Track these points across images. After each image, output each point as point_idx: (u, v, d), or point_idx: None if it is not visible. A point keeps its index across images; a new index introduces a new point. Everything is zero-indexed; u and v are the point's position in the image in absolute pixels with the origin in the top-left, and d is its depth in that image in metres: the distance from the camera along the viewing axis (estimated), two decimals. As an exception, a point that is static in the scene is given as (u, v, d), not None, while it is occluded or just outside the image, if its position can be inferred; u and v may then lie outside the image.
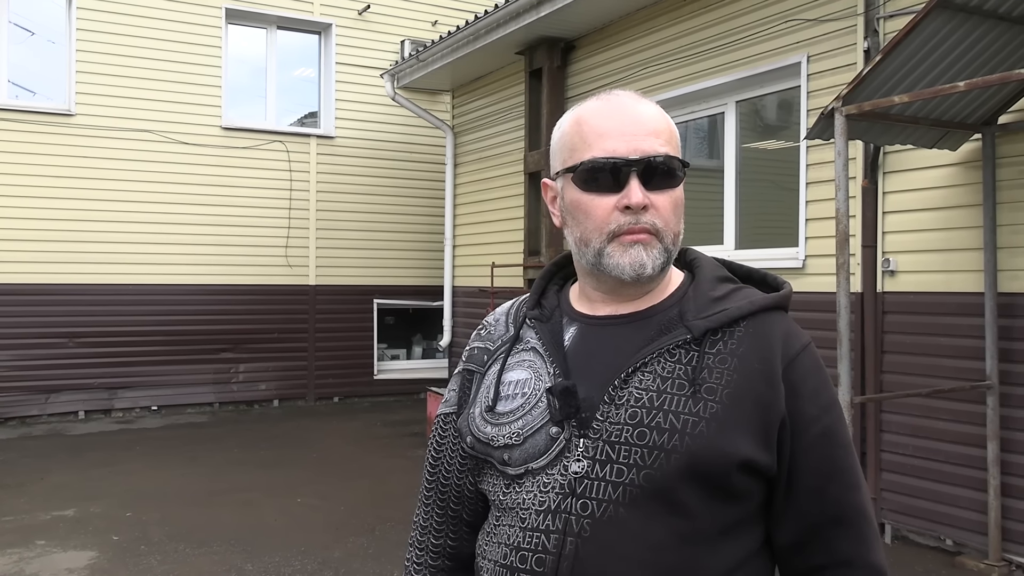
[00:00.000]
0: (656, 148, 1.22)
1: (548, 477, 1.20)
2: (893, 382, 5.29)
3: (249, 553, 5.14)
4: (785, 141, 6.46)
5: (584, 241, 1.25)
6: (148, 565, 4.95)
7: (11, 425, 9.15)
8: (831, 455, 1.22)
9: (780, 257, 5.96)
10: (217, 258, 10.22)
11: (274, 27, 10.82)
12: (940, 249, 5.10)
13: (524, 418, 1.25)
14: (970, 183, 4.96)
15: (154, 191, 9.85)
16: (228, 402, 10.33)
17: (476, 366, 1.39)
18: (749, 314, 1.23)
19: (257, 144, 10.45)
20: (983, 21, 4.20)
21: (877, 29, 5.34)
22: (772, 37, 6.04)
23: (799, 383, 1.21)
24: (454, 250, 10.26)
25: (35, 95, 9.80)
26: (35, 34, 9.79)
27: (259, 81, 10.84)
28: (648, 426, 1.16)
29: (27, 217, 9.24)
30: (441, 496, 1.41)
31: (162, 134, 9.89)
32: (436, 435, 1.44)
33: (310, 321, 10.79)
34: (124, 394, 9.80)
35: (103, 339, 9.65)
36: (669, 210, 1.23)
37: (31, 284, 9.30)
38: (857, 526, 1.22)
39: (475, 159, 9.86)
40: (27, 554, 5.11)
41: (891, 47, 4.02)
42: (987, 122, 4.76)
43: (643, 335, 1.24)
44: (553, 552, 1.17)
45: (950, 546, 5.05)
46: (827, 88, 5.57)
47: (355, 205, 11.01)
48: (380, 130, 11.17)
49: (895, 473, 5.30)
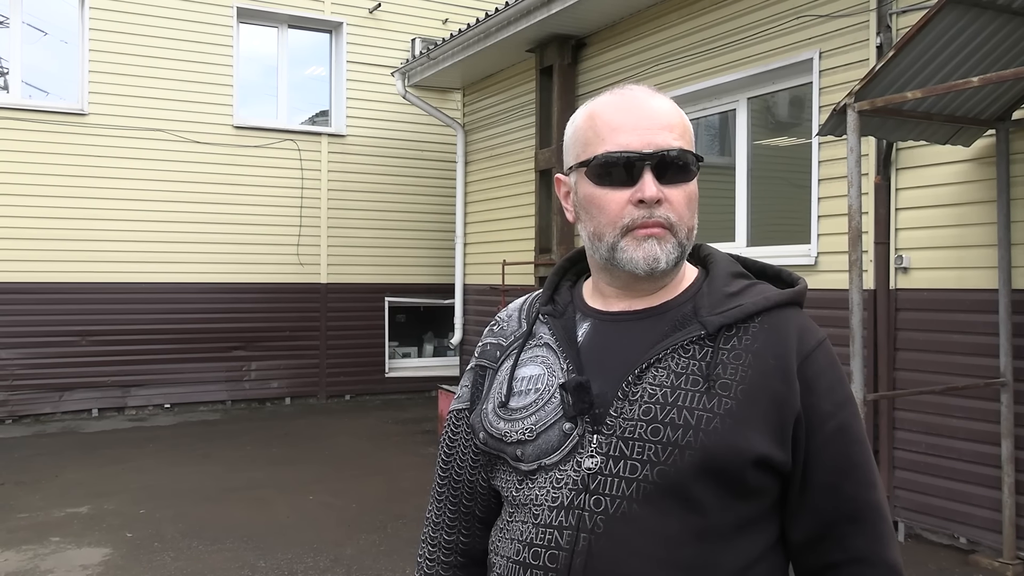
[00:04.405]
0: (670, 142, 1.21)
1: (561, 473, 1.20)
2: (906, 379, 5.26)
3: (262, 550, 5.15)
4: (797, 138, 6.43)
5: (598, 235, 1.24)
6: (162, 562, 4.97)
7: (25, 423, 9.21)
8: (846, 451, 1.21)
9: (792, 254, 5.94)
10: (229, 256, 10.25)
11: (285, 26, 10.85)
12: (953, 246, 5.07)
13: (537, 414, 1.24)
14: (984, 179, 4.93)
15: (166, 190, 9.89)
16: (240, 400, 10.37)
17: (489, 362, 1.39)
18: (764, 310, 1.23)
19: (269, 143, 10.48)
20: (997, 16, 4.17)
21: (890, 25, 5.31)
22: (784, 33, 6.01)
23: (814, 379, 1.21)
24: (465, 248, 10.27)
25: (48, 95, 9.86)
26: (48, 34, 9.84)
27: (270, 80, 10.86)
28: (662, 422, 1.16)
29: (41, 216, 9.29)
30: (454, 492, 1.41)
31: (174, 133, 9.93)
32: (449, 431, 1.43)
33: (322, 319, 10.81)
34: (137, 392, 9.85)
35: (116, 337, 9.70)
36: (683, 204, 1.22)
37: (44, 283, 9.36)
38: (872, 523, 1.21)
39: (486, 157, 9.86)
40: (42, 551, 5.14)
41: (904, 42, 3.99)
42: (1001, 118, 4.73)
43: (657, 331, 1.23)
44: (566, 548, 1.16)
45: (964, 544, 5.02)
46: (839, 84, 5.54)
47: (366, 203, 11.03)
48: (391, 128, 11.19)
49: (909, 471, 5.28)
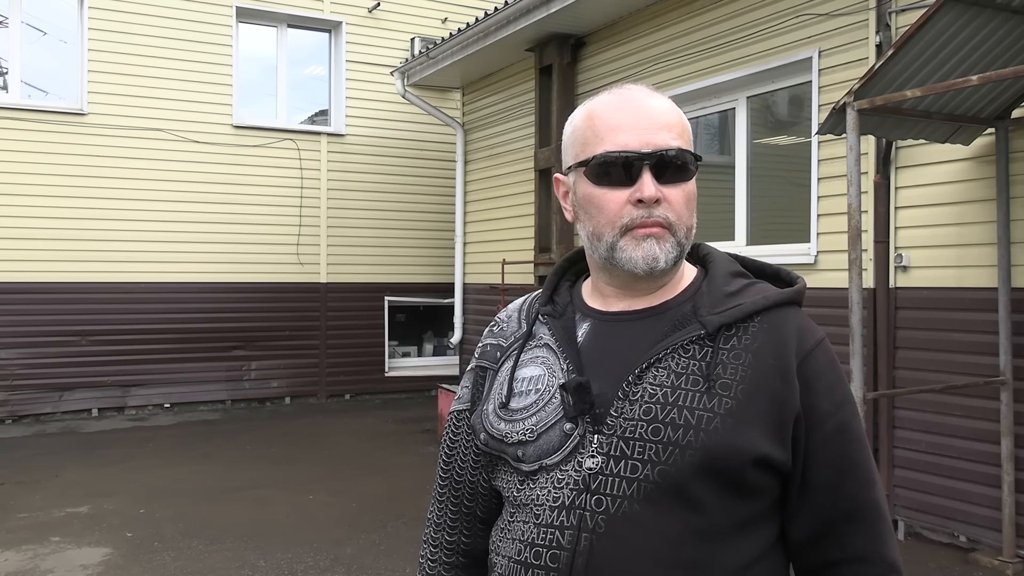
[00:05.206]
0: (668, 142, 1.21)
1: (562, 473, 1.20)
2: (906, 378, 5.26)
3: (262, 549, 5.16)
4: (796, 136, 6.43)
5: (597, 235, 1.24)
6: (162, 561, 4.97)
7: (25, 423, 9.21)
8: (846, 451, 1.21)
9: (792, 253, 5.94)
10: (228, 256, 10.25)
11: (284, 25, 10.84)
12: (953, 244, 5.07)
13: (538, 414, 1.25)
14: (983, 178, 4.93)
15: (165, 189, 9.89)
16: (240, 399, 10.37)
17: (489, 363, 1.39)
18: (763, 309, 1.23)
19: (268, 142, 10.48)
20: (996, 15, 4.17)
21: (889, 23, 5.31)
22: (783, 32, 6.01)
23: (813, 379, 1.21)
24: (465, 247, 10.27)
25: (48, 95, 9.85)
26: (47, 34, 9.83)
27: (270, 79, 10.86)
28: (662, 422, 1.16)
29: (40, 216, 9.29)
30: (455, 493, 1.41)
31: (173, 133, 9.92)
32: (449, 432, 1.43)
33: (321, 319, 10.81)
34: (137, 392, 9.85)
35: (116, 337, 9.70)
36: (682, 204, 1.23)
37: (44, 283, 9.35)
38: (871, 521, 1.21)
39: (485, 156, 9.86)
40: (42, 550, 5.14)
41: (903, 41, 3.99)
42: (1000, 116, 4.73)
43: (657, 331, 1.23)
44: (568, 548, 1.17)
45: (964, 542, 5.03)
46: (839, 83, 5.54)
47: (366, 202, 11.03)
48: (390, 127, 11.19)
49: (908, 469, 5.28)
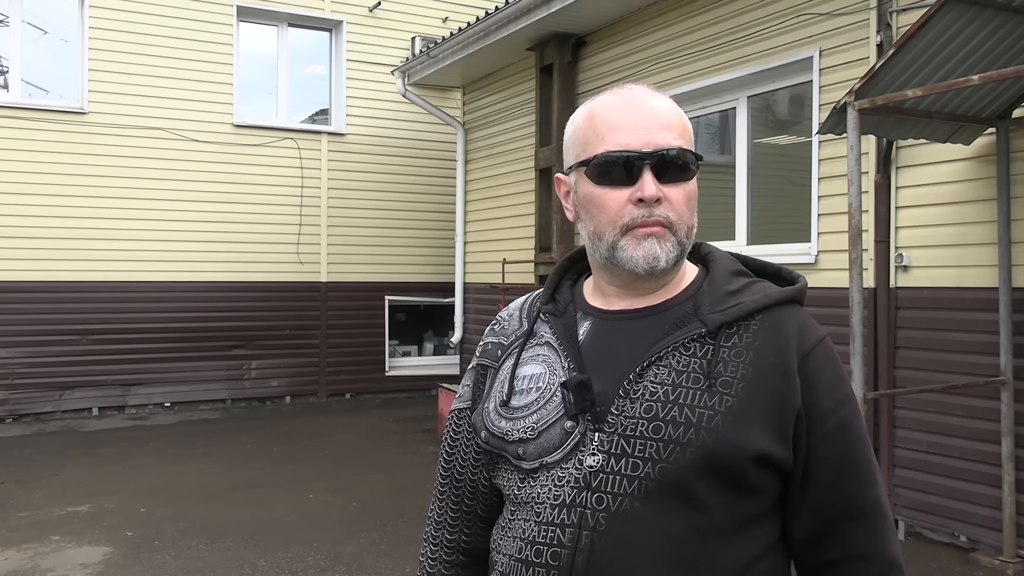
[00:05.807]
0: (669, 141, 1.21)
1: (563, 471, 1.20)
2: (906, 378, 5.26)
3: (262, 548, 5.16)
4: (797, 136, 6.43)
5: (598, 235, 1.25)
6: (162, 560, 4.98)
7: (26, 421, 9.22)
8: (847, 449, 1.21)
9: (792, 253, 5.94)
10: (229, 255, 10.25)
11: (285, 24, 10.84)
12: (954, 244, 5.07)
13: (539, 412, 1.25)
14: (984, 177, 4.93)
15: (166, 188, 9.89)
16: (240, 399, 10.37)
17: (490, 361, 1.39)
18: (764, 307, 1.23)
19: (268, 141, 10.48)
20: (997, 14, 4.17)
21: (890, 23, 5.31)
22: (784, 32, 6.01)
23: (815, 377, 1.21)
24: (465, 246, 10.27)
25: (48, 93, 9.85)
26: (48, 33, 9.84)
27: (270, 78, 10.86)
28: (663, 420, 1.16)
29: (40, 215, 9.29)
30: (456, 491, 1.41)
31: (174, 132, 9.93)
32: (450, 430, 1.44)
33: (322, 318, 10.81)
34: (137, 391, 9.85)
35: (116, 336, 9.70)
36: (682, 203, 1.23)
37: (44, 281, 9.36)
38: (873, 520, 1.22)
39: (486, 155, 9.86)
40: (42, 549, 5.15)
41: (904, 41, 3.99)
42: (1001, 116, 4.72)
43: (658, 329, 1.23)
44: (568, 546, 1.17)
45: (964, 542, 5.03)
46: (839, 83, 5.54)
47: (366, 202, 11.03)
48: (391, 127, 11.19)
49: (909, 469, 5.28)
